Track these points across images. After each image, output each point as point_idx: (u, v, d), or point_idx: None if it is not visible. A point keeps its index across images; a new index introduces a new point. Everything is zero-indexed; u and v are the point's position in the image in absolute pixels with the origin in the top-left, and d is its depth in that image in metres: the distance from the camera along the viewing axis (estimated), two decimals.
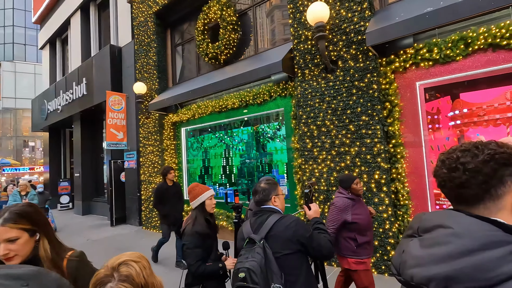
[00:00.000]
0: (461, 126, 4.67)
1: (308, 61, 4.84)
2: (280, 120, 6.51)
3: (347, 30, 4.39)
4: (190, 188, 2.37)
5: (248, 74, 5.37)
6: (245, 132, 8.01)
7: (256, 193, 1.84)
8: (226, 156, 8.04)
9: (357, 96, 4.29)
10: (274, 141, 7.26)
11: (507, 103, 3.97)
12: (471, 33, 3.55)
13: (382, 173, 4.05)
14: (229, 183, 7.69)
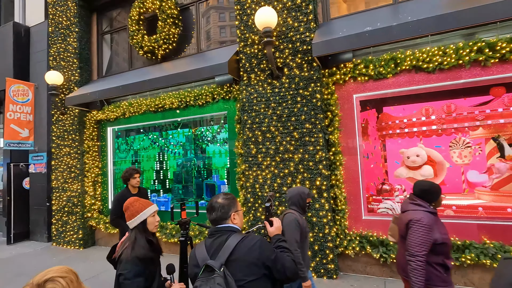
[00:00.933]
0: (385, 137, 5.22)
1: (254, 65, 4.76)
2: (222, 124, 6.29)
3: (293, 39, 4.47)
4: (128, 204, 1.96)
5: (190, 73, 5.00)
6: (182, 134, 7.53)
7: (213, 210, 1.58)
8: (160, 160, 7.42)
9: (301, 104, 4.39)
10: (214, 144, 7.00)
11: (422, 118, 4.58)
12: (399, 54, 3.99)
13: (323, 179, 4.21)
14: (164, 189, 7.09)
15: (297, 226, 2.42)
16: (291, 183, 4.41)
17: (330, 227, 4.15)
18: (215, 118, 6.12)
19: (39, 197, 7.19)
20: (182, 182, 6.56)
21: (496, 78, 3.64)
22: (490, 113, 4.08)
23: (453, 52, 3.71)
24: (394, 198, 4.51)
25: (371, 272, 4.15)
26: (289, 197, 2.67)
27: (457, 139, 5.14)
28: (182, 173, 6.57)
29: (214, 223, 1.57)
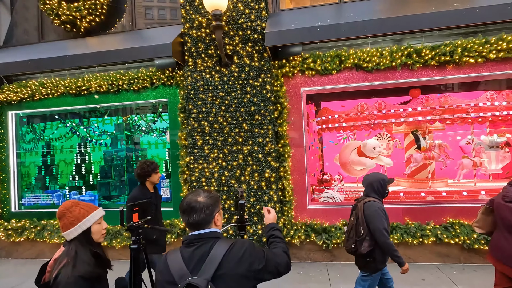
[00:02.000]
0: (325, 130, 5.54)
1: (201, 50, 4.41)
2: (160, 112, 5.74)
3: (244, 26, 4.28)
4: (64, 209, 1.53)
5: (126, 53, 4.35)
6: (108, 122, 6.61)
7: (193, 212, 1.29)
8: (81, 151, 6.39)
9: (251, 94, 4.27)
10: (150, 135, 6.37)
11: (358, 114, 5.00)
12: (344, 52, 4.22)
13: (272, 171, 4.22)
14: (86, 186, 6.13)
15: (385, 214, 2.35)
16: (239, 176, 4.29)
17: (278, 218, 4.20)
18: (153, 105, 5.53)
19: None
20: (112, 177, 5.77)
21: (420, 81, 4.18)
22: (411, 111, 4.70)
23: (388, 54, 4.10)
24: (333, 188, 4.84)
25: (313, 258, 4.39)
26: (368, 184, 2.51)
27: (381, 133, 5.81)
28: (112, 167, 5.77)
29: (194, 227, 1.30)
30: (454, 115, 4.58)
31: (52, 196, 5.58)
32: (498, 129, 5.22)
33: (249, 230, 4.24)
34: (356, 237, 2.45)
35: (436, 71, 4.10)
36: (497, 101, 4.45)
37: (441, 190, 4.70)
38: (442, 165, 4.90)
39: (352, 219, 2.56)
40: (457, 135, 5.42)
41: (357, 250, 2.43)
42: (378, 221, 2.32)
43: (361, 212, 2.43)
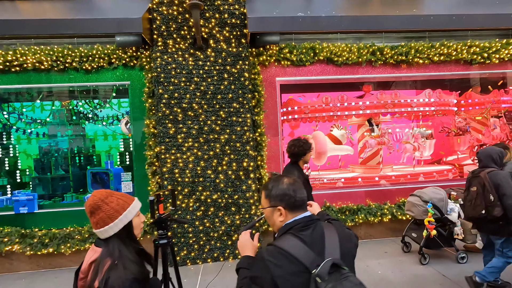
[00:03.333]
0: (291, 121, 5.73)
1: (172, 30, 4.03)
2: (113, 97, 5.08)
3: (221, 9, 4.07)
4: (98, 201, 1.23)
5: (82, 24, 3.68)
6: (45, 108, 5.58)
7: (302, 189, 1.20)
8: (3, 142, 5.24)
9: (228, 81, 4.12)
10: (97, 123, 5.60)
11: (323, 105, 5.31)
12: (317, 45, 4.40)
13: (250, 160, 4.17)
14: (14, 184, 5.06)
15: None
16: (216, 166, 4.12)
17: (256, 207, 4.20)
18: (108, 89, 4.85)
19: None
20: (51, 173, 4.87)
21: (379, 77, 4.66)
22: (369, 104, 5.22)
23: (356, 50, 4.45)
24: None
25: None
26: (486, 156, 2.80)
27: (337, 125, 6.30)
28: (51, 161, 4.86)
29: (302, 207, 1.19)
30: (402, 108, 5.27)
31: None
32: (425, 123, 6.21)
33: (226, 220, 4.13)
34: (486, 203, 2.70)
35: (392, 69, 4.64)
36: (433, 98, 5.29)
37: (390, 174, 5.38)
38: (390, 149, 5.61)
39: (475, 188, 2.82)
40: (400, 126, 6.28)
41: (488, 215, 2.69)
42: (507, 186, 2.63)
43: (487, 181, 2.71)
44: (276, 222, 1.19)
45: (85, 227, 4.18)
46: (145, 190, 4.31)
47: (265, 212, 1.24)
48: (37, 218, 4.24)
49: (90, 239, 4.14)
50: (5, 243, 4.04)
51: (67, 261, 4.22)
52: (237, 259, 4.14)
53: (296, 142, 3.04)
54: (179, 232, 4.07)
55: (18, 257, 4.16)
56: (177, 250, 4.06)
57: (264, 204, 1.23)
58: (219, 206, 4.13)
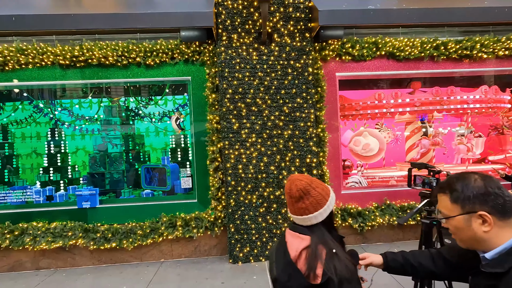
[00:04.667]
0: (346, 118, 5.63)
1: (237, 24, 4.01)
2: (166, 93, 5.09)
3: (285, 3, 4.03)
4: (306, 185, 1.17)
5: (150, 18, 3.68)
6: (87, 105, 5.60)
7: (503, 190, 0.91)
8: (55, 139, 5.29)
9: (292, 76, 4.07)
10: (146, 120, 5.62)
11: (375, 102, 5.21)
12: (380, 39, 4.31)
13: (313, 156, 4.10)
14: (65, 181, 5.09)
15: None
16: (279, 162, 4.06)
17: None
18: (162, 85, 4.86)
19: None
20: (106, 168, 4.88)
21: (443, 72, 4.54)
22: (424, 100, 5.10)
23: (419, 45, 4.34)
24: (357, 173, 4.97)
25: (347, 241, 4.41)
26: None
27: (380, 123, 6.19)
28: (105, 157, 4.88)
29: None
30: (457, 105, 5.13)
31: (27, 192, 4.46)
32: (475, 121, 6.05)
33: (290, 217, 4.06)
34: None
35: (454, 64, 4.51)
36: (489, 95, 5.13)
37: (444, 173, 5.23)
38: (445, 150, 5.47)
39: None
40: (451, 125, 6.12)
41: None
42: None
43: None
44: (477, 234, 0.91)
45: (146, 222, 4.17)
46: (205, 186, 4.28)
47: (453, 223, 0.96)
48: (97, 213, 4.25)
49: (152, 234, 4.13)
50: (69, 238, 4.05)
51: (127, 256, 4.22)
52: None
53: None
54: (242, 228, 4.02)
55: (80, 251, 4.18)
56: (240, 246, 4.01)
57: (451, 211, 0.96)
58: (282, 203, 4.07)
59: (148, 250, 4.24)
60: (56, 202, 4.44)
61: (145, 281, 3.65)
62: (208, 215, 4.18)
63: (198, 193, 4.33)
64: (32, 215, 4.19)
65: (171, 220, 4.16)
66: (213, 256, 4.29)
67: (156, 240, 4.13)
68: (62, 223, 4.13)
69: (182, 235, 4.14)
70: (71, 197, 4.67)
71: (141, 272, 3.89)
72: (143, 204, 4.36)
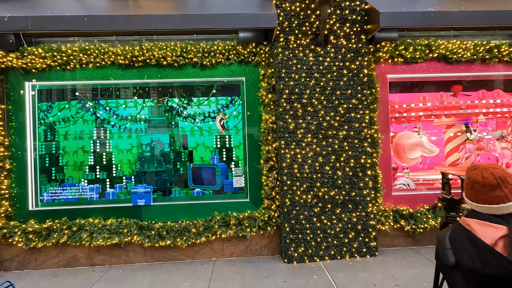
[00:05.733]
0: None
1: (294, 26, 4.07)
2: (213, 93, 5.16)
3: (342, 5, 4.09)
4: (501, 172, 1.18)
5: (218, 19, 3.75)
6: (133, 104, 5.69)
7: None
8: (101, 137, 5.38)
9: (347, 77, 4.10)
10: (189, 120, 5.69)
11: (420, 105, 5.21)
12: (432, 41, 4.34)
13: (367, 157, 4.11)
14: (111, 179, 5.17)
15: None
16: (334, 162, 4.08)
17: (373, 206, 4.13)
18: (208, 85, 4.93)
19: None
20: (154, 167, 4.95)
21: (493, 75, 4.54)
22: (470, 103, 5.09)
23: (472, 47, 4.35)
24: (404, 175, 4.96)
25: (397, 244, 4.42)
26: None
27: (418, 126, 6.16)
28: (154, 155, 4.95)
29: None
30: (504, 109, 5.10)
31: (82, 189, 4.54)
32: None
33: (343, 218, 4.07)
34: None
35: (505, 67, 4.51)
36: None
37: None
38: (490, 155, 5.43)
39: None
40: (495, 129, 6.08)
41: None
42: None
43: None
44: None
45: (199, 220, 4.21)
46: (257, 185, 4.31)
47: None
48: (150, 210, 4.30)
49: (205, 233, 4.16)
50: (124, 234, 4.10)
51: (180, 254, 4.25)
52: (354, 258, 4.06)
53: None
54: (297, 228, 4.03)
55: (133, 248, 4.22)
56: (294, 246, 4.02)
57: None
58: (337, 203, 4.08)
59: (200, 248, 4.26)
60: (108, 199, 4.50)
61: (205, 278, 3.68)
62: (261, 214, 4.20)
63: (250, 192, 4.36)
64: (86, 212, 4.26)
65: (224, 218, 4.19)
66: (265, 256, 4.30)
67: (210, 238, 4.16)
68: (118, 220, 4.19)
69: (235, 234, 4.16)
70: (119, 195, 4.74)
71: (198, 270, 3.92)
72: (194, 203, 4.41)
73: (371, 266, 3.83)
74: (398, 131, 5.99)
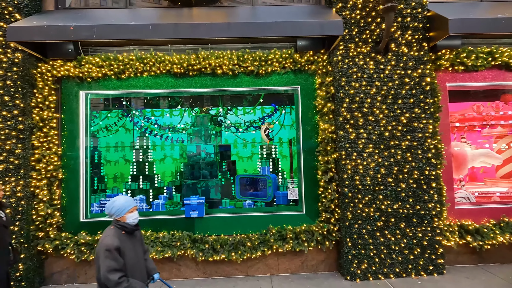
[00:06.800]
0: None
1: (354, 34, 3.98)
2: (260, 102, 5.07)
3: (403, 12, 4.00)
4: None
5: (276, 26, 3.67)
6: (187, 113, 5.60)
7: None
8: (143, 147, 5.31)
9: (409, 86, 3.97)
10: (231, 130, 5.59)
11: (474, 114, 5.02)
12: (494, 49, 4.19)
13: (431, 169, 3.93)
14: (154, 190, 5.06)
15: None
16: (397, 174, 3.90)
17: (438, 219, 3.91)
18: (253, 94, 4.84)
19: None
20: (199, 177, 4.83)
21: None
22: None
23: None
24: (461, 188, 4.73)
25: (462, 261, 4.16)
26: None
27: (464, 136, 5.95)
28: (201, 165, 4.83)
29: None
30: None
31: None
32: None
33: (408, 233, 3.85)
34: None
35: None
36: None
37: None
38: None
39: None
40: None
41: None
42: None
43: None
44: None
45: (254, 234, 4.04)
46: (313, 197, 4.14)
47: None
48: (202, 223, 4.15)
49: (260, 247, 3.98)
50: (177, 248, 3.95)
51: (233, 270, 4.07)
52: (420, 275, 3.82)
53: None
54: (360, 243, 3.83)
55: (185, 262, 4.06)
56: (357, 262, 3.81)
57: None
58: (400, 217, 3.87)
59: (254, 263, 4.08)
60: (158, 210, 4.38)
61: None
62: (319, 228, 4.02)
63: (305, 204, 4.19)
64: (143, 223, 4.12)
65: (281, 232, 4.02)
66: (322, 272, 4.09)
67: (265, 253, 3.98)
68: (170, 232, 4.05)
69: (292, 249, 3.97)
70: (167, 206, 4.62)
71: (256, 287, 3.72)
72: (246, 215, 4.24)
73: (443, 286, 3.59)
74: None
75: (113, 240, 2.08)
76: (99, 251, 2.05)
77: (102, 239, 2.10)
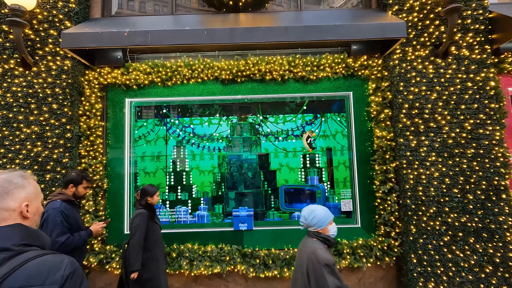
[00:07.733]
0: None
1: (412, 37, 3.81)
2: (302, 110, 4.88)
3: (464, 14, 3.81)
4: None
5: (333, 29, 3.53)
6: (225, 122, 5.47)
7: None
8: (181, 156, 5.16)
9: (473, 90, 3.74)
10: (270, 138, 5.41)
11: None
12: None
13: (500, 179, 3.64)
14: (193, 201, 4.87)
15: None
16: (463, 184, 3.63)
17: (510, 234, 3.59)
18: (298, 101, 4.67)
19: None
20: (242, 188, 4.63)
21: None
22: None
23: None
24: None
25: None
26: None
27: None
28: (247, 174, 4.64)
29: None
30: None
31: (176, 212, 4.25)
32: None
33: (478, 248, 3.54)
34: None
35: None
36: None
37: None
38: None
39: None
40: None
41: None
42: None
43: None
44: None
45: None
46: (368, 209, 3.89)
47: None
48: (251, 236, 3.93)
49: None
50: (226, 263, 3.73)
51: (285, 287, 3.80)
52: None
53: None
54: (425, 259, 3.53)
55: (234, 279, 3.82)
56: (423, 281, 3.50)
57: None
58: (469, 231, 3.58)
59: None
60: (203, 223, 4.18)
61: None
62: (377, 243, 3.74)
63: (361, 217, 3.93)
64: (181, 236, 3.93)
65: (336, 246, 3.76)
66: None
67: None
68: (218, 246, 3.83)
69: (349, 265, 3.70)
70: (213, 218, 4.42)
71: None
72: (296, 228, 4.00)
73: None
74: None
75: (328, 254, 1.92)
76: (316, 266, 1.85)
77: (312, 251, 1.91)
